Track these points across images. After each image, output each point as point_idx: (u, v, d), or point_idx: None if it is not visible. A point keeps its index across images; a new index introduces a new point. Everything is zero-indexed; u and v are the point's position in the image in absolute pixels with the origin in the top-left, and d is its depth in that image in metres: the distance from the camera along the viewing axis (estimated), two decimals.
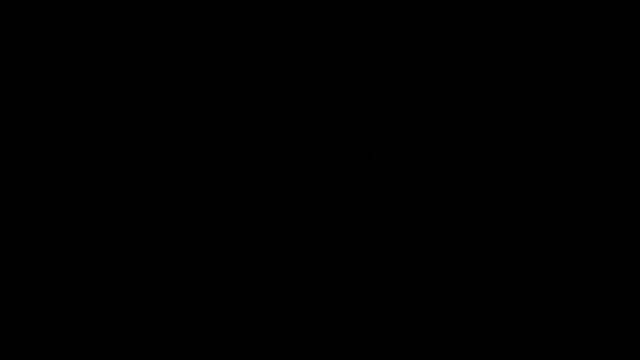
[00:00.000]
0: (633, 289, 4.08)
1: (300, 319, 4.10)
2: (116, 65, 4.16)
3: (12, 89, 4.16)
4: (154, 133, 4.15)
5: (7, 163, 4.13)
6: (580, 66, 4.17)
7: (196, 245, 4.11)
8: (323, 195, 4.14)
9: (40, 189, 4.12)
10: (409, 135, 4.16)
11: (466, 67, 4.17)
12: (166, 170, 4.13)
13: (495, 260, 4.10)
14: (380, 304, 4.10)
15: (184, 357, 4.07)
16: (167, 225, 4.12)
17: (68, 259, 4.10)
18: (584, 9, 4.19)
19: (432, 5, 4.19)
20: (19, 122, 4.15)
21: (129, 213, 4.12)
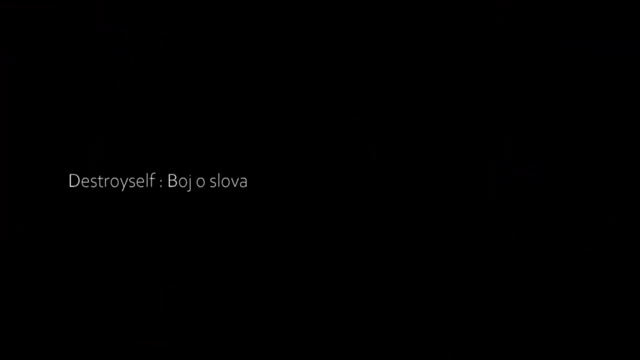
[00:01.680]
0: (633, 289, 4.08)
1: (300, 319, 4.10)
2: (116, 65, 4.16)
3: (12, 89, 4.16)
4: (154, 133, 4.15)
5: (7, 163, 4.13)
6: (580, 66, 4.17)
7: (196, 245, 4.11)
8: (323, 195, 4.14)
9: (40, 189, 4.12)
10: (409, 135, 4.16)
11: (466, 67, 4.17)
12: (166, 169, 4.14)
13: (495, 260, 4.10)
14: (381, 303, 4.10)
15: (184, 357, 4.07)
16: (167, 225, 4.12)
17: (68, 259, 4.10)
18: (584, 9, 4.19)
19: (432, 5, 4.19)
20: (19, 122, 4.15)
21: (129, 213, 4.12)
